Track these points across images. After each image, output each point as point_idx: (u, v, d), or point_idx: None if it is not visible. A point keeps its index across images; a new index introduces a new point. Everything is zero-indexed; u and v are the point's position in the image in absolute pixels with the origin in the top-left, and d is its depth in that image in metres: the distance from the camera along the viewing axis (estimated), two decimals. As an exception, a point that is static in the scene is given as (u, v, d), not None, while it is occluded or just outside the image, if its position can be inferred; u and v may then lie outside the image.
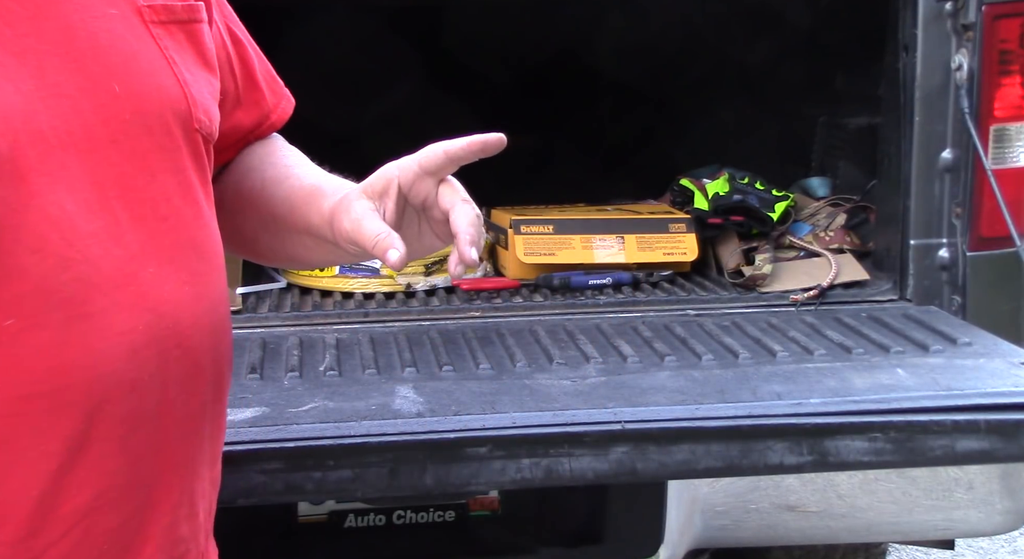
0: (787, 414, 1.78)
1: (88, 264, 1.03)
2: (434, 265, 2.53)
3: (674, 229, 2.65)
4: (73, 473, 1.04)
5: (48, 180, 1.01)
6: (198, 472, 1.17)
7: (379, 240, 1.16)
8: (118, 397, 1.05)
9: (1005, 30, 2.25)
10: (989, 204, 2.26)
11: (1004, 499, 2.16)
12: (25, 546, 1.03)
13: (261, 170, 1.36)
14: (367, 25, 3.46)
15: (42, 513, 1.03)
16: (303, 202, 1.29)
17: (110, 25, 1.09)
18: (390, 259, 1.15)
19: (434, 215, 1.22)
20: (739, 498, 2.13)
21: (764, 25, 3.06)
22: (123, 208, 1.07)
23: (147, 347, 1.06)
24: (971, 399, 1.81)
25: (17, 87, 1.01)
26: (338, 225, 1.22)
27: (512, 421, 1.73)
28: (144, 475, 1.10)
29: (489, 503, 2.20)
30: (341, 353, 2.08)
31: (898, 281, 2.41)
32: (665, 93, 3.55)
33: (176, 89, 1.13)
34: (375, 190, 1.21)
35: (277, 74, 1.41)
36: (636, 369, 1.99)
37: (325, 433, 1.69)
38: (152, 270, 1.08)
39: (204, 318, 1.13)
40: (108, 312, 1.04)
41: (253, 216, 1.35)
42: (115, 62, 1.08)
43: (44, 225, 1.00)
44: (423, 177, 1.20)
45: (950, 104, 2.30)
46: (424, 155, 1.20)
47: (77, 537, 1.05)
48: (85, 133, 1.05)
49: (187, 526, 1.16)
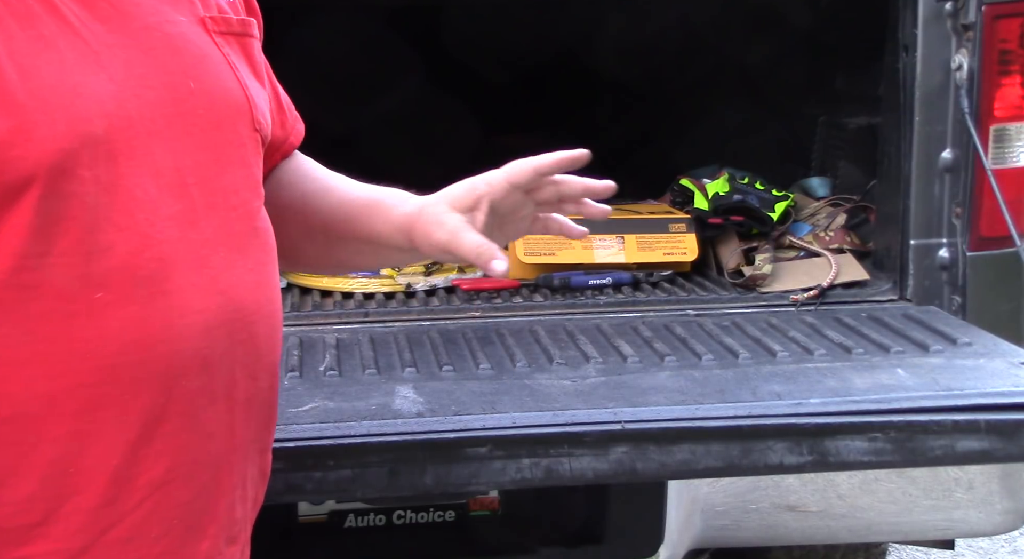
0: (787, 414, 1.78)
1: (168, 245, 1.10)
2: (434, 265, 2.53)
3: (674, 229, 2.65)
4: (150, 445, 1.10)
5: (135, 163, 1.09)
6: (252, 458, 1.22)
7: (482, 251, 1.29)
8: (193, 373, 1.12)
9: (1005, 30, 2.25)
10: (989, 204, 2.26)
11: (1004, 499, 2.16)
12: (103, 513, 1.09)
13: (300, 184, 1.45)
14: (367, 25, 3.46)
15: (120, 482, 1.09)
16: (363, 212, 1.41)
17: (181, 30, 1.18)
18: (496, 268, 1.27)
19: (517, 216, 1.37)
20: (739, 498, 2.13)
21: (764, 25, 3.06)
22: (199, 195, 1.14)
23: (219, 327, 1.13)
24: (971, 399, 1.81)
25: (110, 76, 1.09)
26: (426, 235, 1.34)
27: (512, 421, 1.73)
28: (213, 453, 1.15)
29: (489, 503, 2.20)
30: (341, 353, 2.08)
31: (898, 281, 2.40)
32: (665, 93, 3.54)
33: (239, 91, 1.22)
34: (463, 204, 1.34)
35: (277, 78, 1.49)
36: (636, 369, 1.99)
37: (325, 433, 1.70)
38: (223, 255, 1.15)
39: (265, 306, 1.20)
40: (185, 291, 1.11)
41: (296, 227, 1.42)
42: (189, 62, 1.17)
43: (131, 205, 1.08)
44: (513, 191, 1.34)
45: (950, 104, 2.30)
46: (513, 172, 1.33)
47: (150, 508, 1.11)
48: (167, 123, 1.12)
49: (240, 509, 1.21)
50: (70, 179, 1.05)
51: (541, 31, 3.47)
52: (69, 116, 1.05)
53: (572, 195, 1.37)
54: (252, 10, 1.34)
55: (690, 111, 3.40)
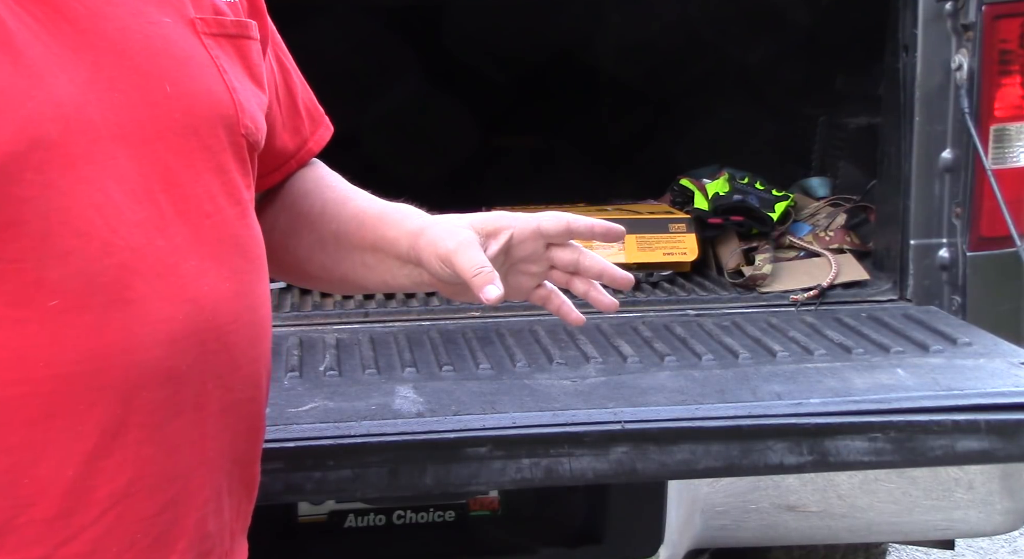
0: (787, 414, 1.78)
1: (131, 252, 1.07)
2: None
3: (674, 229, 2.65)
4: (109, 457, 1.07)
5: (96, 168, 1.06)
6: (228, 469, 1.19)
7: (482, 271, 1.23)
8: (156, 384, 1.08)
9: (1005, 30, 2.25)
10: (989, 204, 2.26)
11: (1004, 499, 2.16)
12: (59, 525, 1.06)
13: (319, 193, 1.42)
14: (367, 25, 3.46)
15: (77, 494, 1.06)
16: (376, 218, 1.36)
17: (164, 31, 1.15)
18: (489, 294, 1.21)
19: (527, 269, 1.33)
20: (739, 498, 2.13)
21: (764, 25, 3.06)
22: (168, 202, 1.11)
23: (186, 338, 1.10)
24: (971, 399, 1.81)
25: (71, 78, 1.06)
26: (433, 243, 1.28)
27: (512, 421, 1.73)
28: (180, 466, 1.12)
29: (489, 503, 2.20)
30: (341, 353, 2.08)
31: (898, 281, 2.40)
32: (665, 93, 3.55)
33: (225, 95, 1.18)
34: (485, 229, 1.29)
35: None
36: (636, 369, 1.99)
37: (325, 433, 1.70)
38: (194, 263, 1.11)
39: (244, 315, 1.17)
40: (148, 300, 1.07)
41: (310, 236, 1.40)
42: (168, 64, 1.14)
43: (90, 211, 1.04)
44: (537, 237, 1.30)
45: (950, 104, 2.30)
46: (546, 221, 1.30)
47: (110, 521, 1.08)
48: (135, 127, 1.09)
49: (214, 522, 1.18)
50: (15, 183, 1.01)
51: (541, 31, 3.47)
52: (15, 119, 1.01)
53: (588, 272, 1.33)
54: (256, 12, 1.31)
55: (690, 111, 3.40)
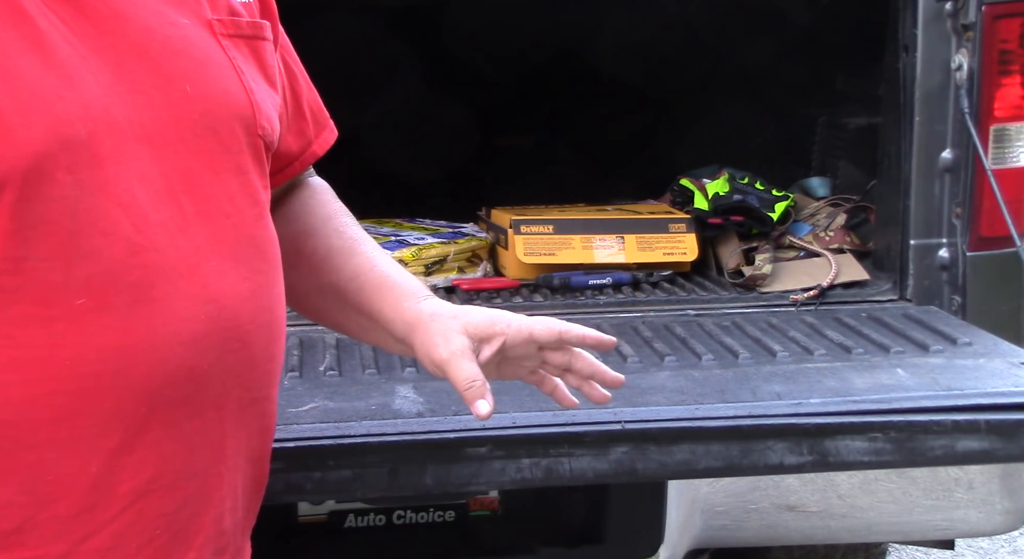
0: (787, 414, 1.78)
1: (155, 252, 1.08)
2: (434, 265, 2.53)
3: (674, 229, 2.65)
4: (131, 454, 1.08)
5: (121, 168, 1.07)
6: (244, 467, 1.20)
7: (474, 386, 1.27)
8: (178, 383, 1.09)
9: (1005, 30, 2.25)
10: (989, 204, 2.26)
11: (1004, 499, 2.16)
12: (81, 521, 1.07)
13: (325, 236, 1.42)
14: (367, 25, 3.46)
15: (99, 490, 1.07)
16: (375, 288, 1.37)
17: (183, 32, 1.16)
18: (480, 410, 1.26)
19: (520, 363, 1.37)
20: (739, 498, 2.13)
21: (764, 25, 3.06)
22: (189, 202, 1.12)
23: (208, 337, 1.11)
24: (971, 399, 1.81)
25: (97, 79, 1.07)
26: (427, 345, 1.31)
27: (512, 421, 1.73)
28: (199, 463, 1.14)
29: (489, 503, 2.20)
30: (341, 353, 2.08)
31: (898, 281, 2.40)
32: (665, 93, 3.54)
33: (242, 95, 1.19)
34: (477, 333, 1.31)
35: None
36: (636, 369, 1.98)
37: (325, 433, 1.70)
38: (215, 263, 1.13)
39: (261, 315, 1.18)
40: (171, 299, 1.09)
41: (311, 278, 1.40)
42: (188, 65, 1.15)
43: (116, 211, 1.06)
44: (529, 343, 1.33)
45: (950, 104, 2.30)
46: (538, 328, 1.33)
47: (131, 517, 1.09)
48: (157, 128, 1.11)
49: (230, 519, 1.19)
50: (48, 182, 1.02)
51: (541, 31, 3.47)
52: (48, 118, 1.03)
53: (580, 373, 1.36)
54: (268, 12, 1.32)
55: (690, 111, 3.40)
